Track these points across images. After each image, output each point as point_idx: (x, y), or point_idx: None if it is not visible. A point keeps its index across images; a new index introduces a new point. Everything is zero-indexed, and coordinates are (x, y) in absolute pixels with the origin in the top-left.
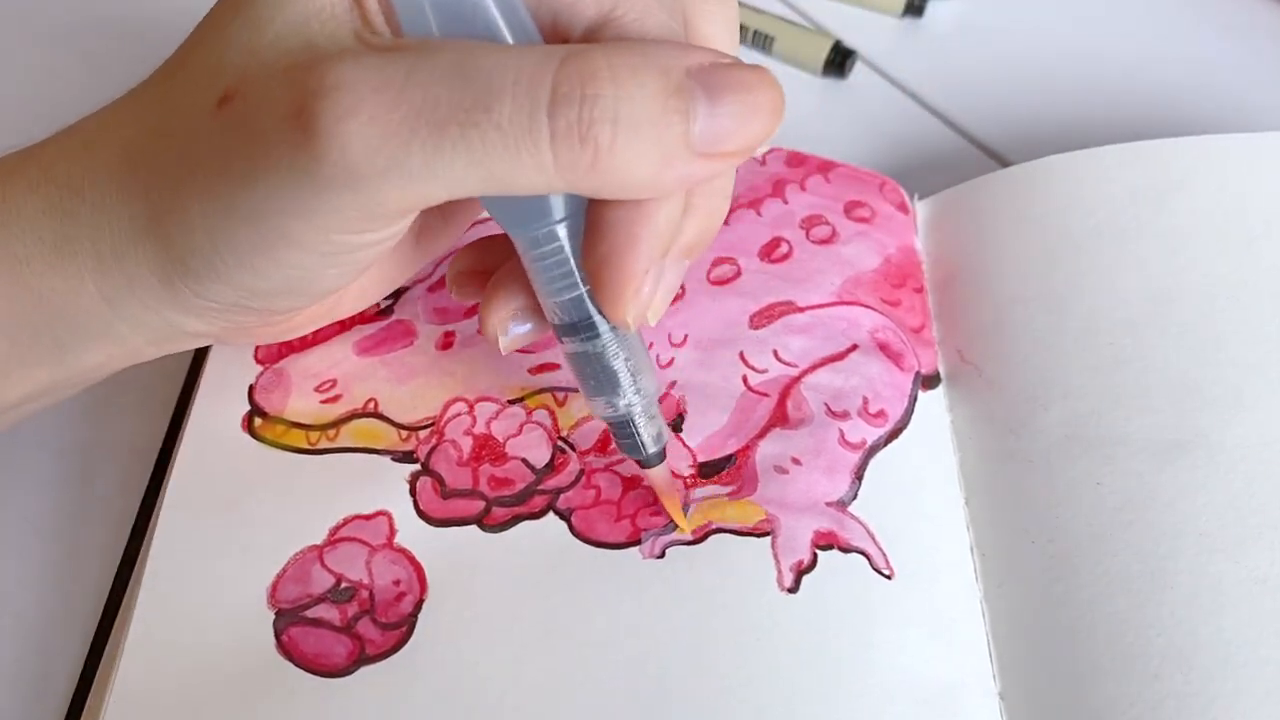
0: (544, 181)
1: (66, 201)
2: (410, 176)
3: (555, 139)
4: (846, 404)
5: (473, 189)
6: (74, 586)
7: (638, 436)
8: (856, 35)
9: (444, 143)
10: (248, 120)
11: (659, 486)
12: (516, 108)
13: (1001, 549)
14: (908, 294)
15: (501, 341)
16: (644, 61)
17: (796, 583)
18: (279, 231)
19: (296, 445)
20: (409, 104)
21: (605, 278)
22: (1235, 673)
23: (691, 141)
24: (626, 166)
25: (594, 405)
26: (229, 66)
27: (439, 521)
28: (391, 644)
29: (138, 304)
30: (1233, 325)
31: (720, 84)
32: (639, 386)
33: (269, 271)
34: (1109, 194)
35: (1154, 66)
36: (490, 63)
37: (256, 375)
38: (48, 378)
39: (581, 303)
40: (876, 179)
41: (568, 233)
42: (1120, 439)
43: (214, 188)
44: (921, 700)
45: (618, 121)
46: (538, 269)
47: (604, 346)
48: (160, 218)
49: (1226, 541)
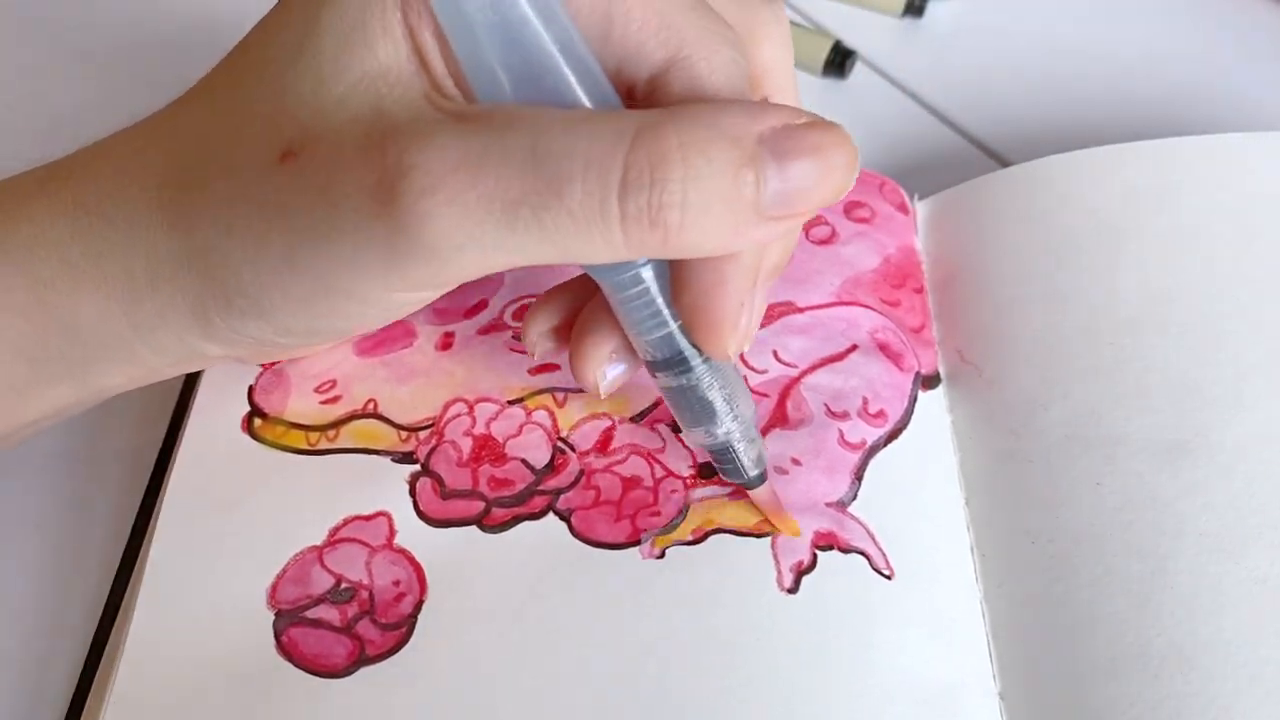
0: (613, 255)
1: (97, 227)
2: (483, 251)
3: (625, 221)
4: (846, 404)
5: (543, 260)
6: (74, 586)
7: (738, 461)
8: (856, 35)
9: (517, 223)
10: (318, 182)
11: (763, 505)
12: (587, 194)
13: (1002, 549)
14: (907, 294)
15: (601, 387)
16: (714, 135)
17: (796, 583)
18: (341, 288)
19: (296, 446)
20: (483, 185)
21: (700, 319)
22: (1235, 673)
23: (762, 207)
24: (697, 240)
25: (692, 435)
26: (289, 120)
27: (439, 522)
28: (391, 644)
29: (166, 331)
30: (1233, 325)
31: (792, 149)
32: (736, 413)
33: (318, 319)
34: (1109, 194)
35: (1154, 66)
36: (560, 145)
37: (256, 376)
38: (67, 398)
39: (672, 339)
40: (876, 179)
41: (653, 274)
42: (1120, 439)
43: (271, 237)
44: (921, 700)
45: (687, 204)
46: (626, 310)
47: (698, 379)
48: (204, 254)
49: (1226, 541)
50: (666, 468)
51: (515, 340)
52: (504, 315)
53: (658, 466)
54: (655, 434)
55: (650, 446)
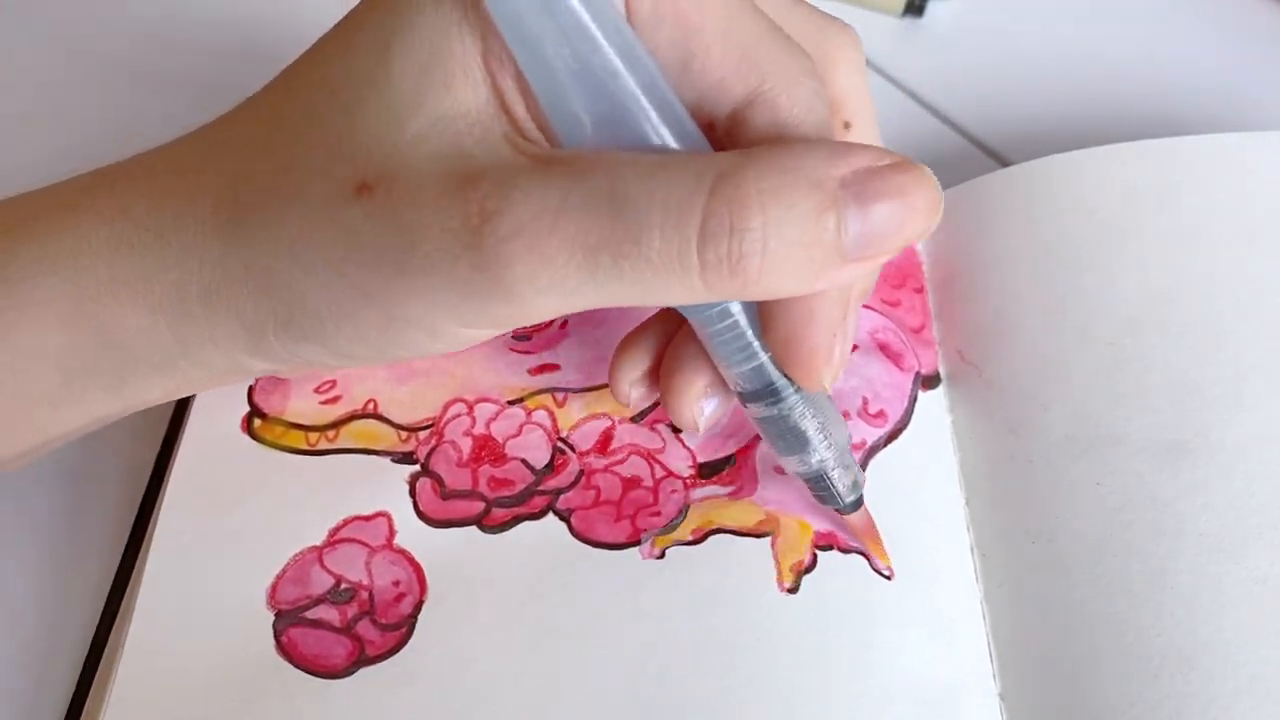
0: (695, 300)
1: (147, 240)
2: (563, 295)
3: (705, 270)
4: (845, 404)
5: (623, 302)
6: (73, 586)
7: (833, 489)
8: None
9: (598, 269)
10: (397, 217)
11: (858, 530)
12: (665, 242)
13: (1002, 549)
14: (907, 294)
15: (701, 424)
16: (795, 180)
17: (796, 583)
18: (413, 320)
19: (296, 446)
20: (564, 232)
21: (792, 353)
22: (1235, 673)
23: (844, 250)
24: (778, 285)
25: (787, 463)
26: (364, 153)
27: (439, 522)
28: (391, 645)
29: (214, 349)
30: (1233, 325)
31: (874, 193)
32: (830, 441)
33: (382, 348)
34: (1109, 194)
35: (1154, 66)
36: (639, 192)
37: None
38: (101, 410)
39: (763, 370)
40: None
41: (741, 307)
42: (1120, 439)
43: (346, 268)
44: (921, 700)
45: (767, 251)
46: (716, 344)
47: (791, 409)
48: (266, 276)
49: (1227, 541)
50: (666, 468)
51: (515, 340)
52: None
53: (658, 466)
54: (655, 434)
55: (650, 446)
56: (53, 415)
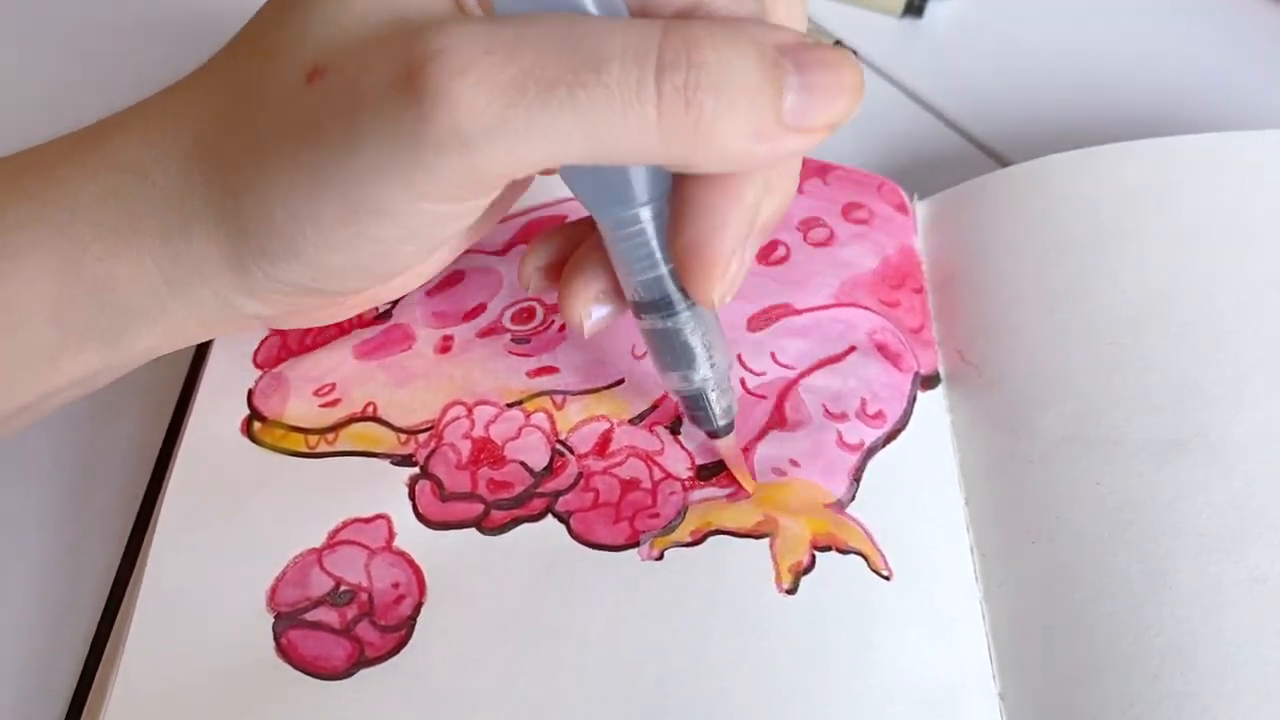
0: (644, 146)
1: (132, 185)
2: (515, 136)
3: (662, 101)
4: (844, 406)
5: (573, 152)
6: (74, 588)
7: (709, 409)
8: (856, 35)
9: (551, 102)
10: (345, 90)
11: (727, 456)
12: (625, 70)
13: (1001, 549)
14: (907, 294)
15: (586, 326)
16: (741, 35)
17: (795, 584)
18: (371, 201)
19: (295, 449)
20: (518, 65)
21: (694, 261)
22: (1235, 672)
23: (783, 115)
24: (724, 134)
25: (668, 379)
26: (312, 42)
27: (438, 524)
28: (391, 646)
29: (201, 285)
30: (1233, 324)
31: (809, 61)
32: (714, 361)
33: (351, 247)
34: (1108, 193)
35: (1153, 66)
36: (598, 29)
37: (255, 379)
38: (97, 362)
39: (662, 281)
40: (875, 180)
41: (651, 214)
42: (1120, 439)
43: (302, 159)
44: (921, 701)
45: (719, 89)
46: (621, 250)
47: (683, 323)
48: (237, 197)
49: (1226, 541)
50: (665, 470)
51: (514, 343)
52: (502, 318)
53: (656, 468)
54: (654, 436)
55: (649, 449)
56: (50, 369)
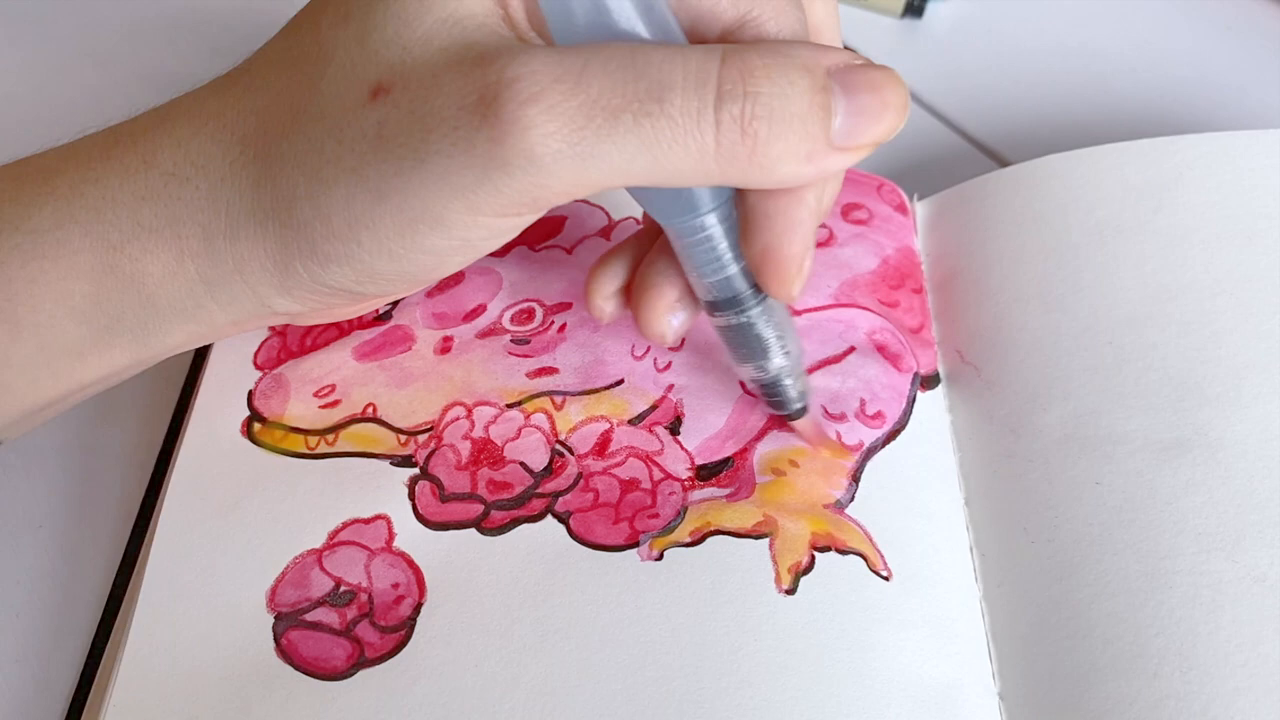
0: (703, 171)
1: (173, 188)
2: (582, 160)
3: (720, 130)
4: (844, 406)
5: (635, 176)
6: (74, 589)
7: (785, 395)
8: (856, 35)
9: (617, 129)
10: (413, 108)
11: (807, 436)
12: (686, 100)
13: (1001, 549)
14: (906, 295)
15: (669, 335)
16: (791, 62)
17: (794, 584)
18: (432, 214)
19: (295, 450)
20: (586, 93)
21: (771, 264)
22: (1234, 672)
23: (831, 137)
24: (777, 159)
25: (743, 370)
26: (375, 59)
27: (438, 525)
28: (390, 647)
29: (241, 284)
30: (1232, 323)
31: (856, 84)
32: (787, 350)
33: (404, 256)
34: (1108, 193)
35: (1152, 65)
36: (659, 58)
37: (256, 381)
38: (124, 359)
39: (733, 281)
40: (874, 181)
41: (717, 219)
42: (1119, 438)
43: (365, 172)
44: (921, 700)
45: (773, 118)
46: (691, 254)
47: (755, 318)
48: (291, 204)
49: (1226, 540)
50: (665, 470)
51: (514, 344)
52: (502, 319)
53: (656, 469)
54: (653, 437)
55: (648, 449)
56: (77, 365)
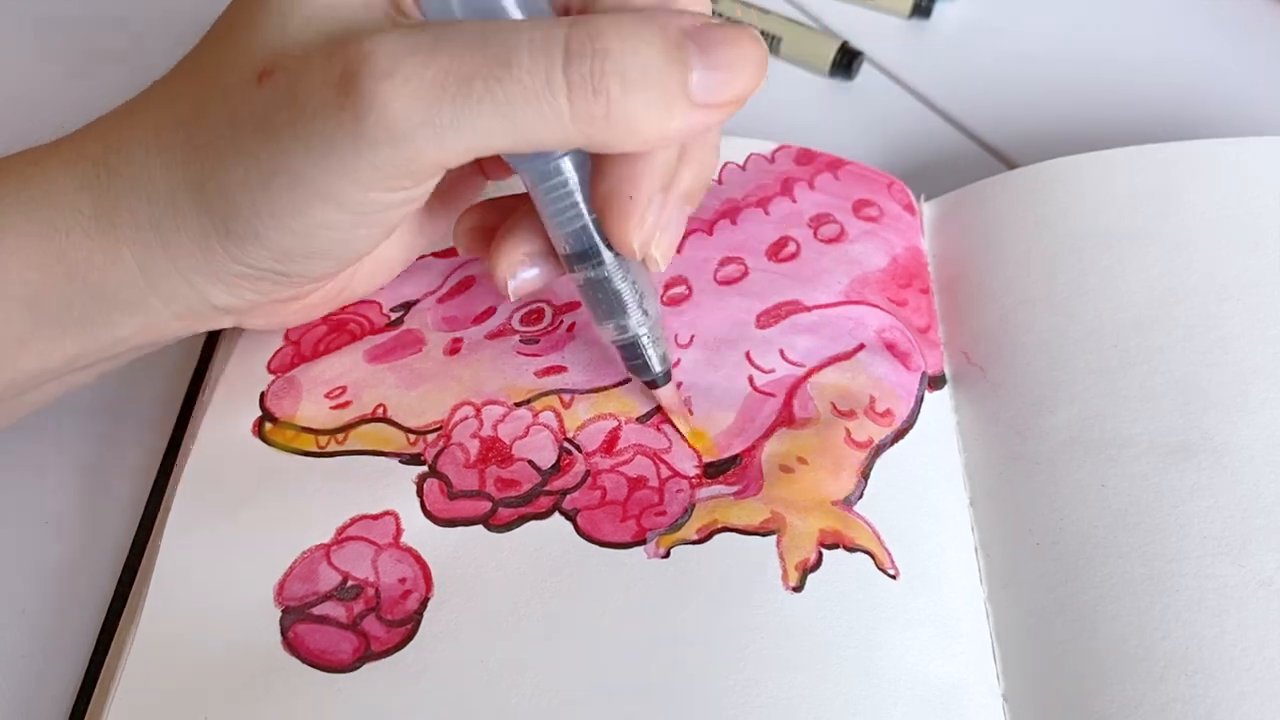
0: (561, 133)
1: (104, 178)
2: (441, 130)
3: (571, 90)
4: (853, 403)
5: (497, 142)
6: (82, 581)
7: (646, 356)
8: (863, 36)
9: (470, 97)
10: (291, 89)
11: (667, 405)
12: (534, 63)
13: (1006, 550)
14: (914, 294)
15: (511, 285)
16: (644, 22)
17: (802, 582)
18: (319, 190)
19: (306, 449)
20: (437, 65)
21: (612, 210)
22: (1240, 676)
23: (690, 92)
24: (634, 116)
25: (604, 331)
26: (263, 46)
27: (445, 521)
28: (397, 641)
29: (173, 271)
30: (1238, 328)
31: (711, 40)
32: (645, 309)
33: (305, 231)
34: (1115, 196)
35: (1161, 70)
36: (509, 28)
37: (268, 383)
38: (71, 350)
39: (587, 231)
40: (884, 179)
41: (572, 165)
42: (1125, 441)
43: (257, 153)
44: (925, 700)
45: (626, 74)
46: (546, 201)
47: (610, 272)
48: (201, 186)
49: (1231, 544)
50: (672, 468)
51: (522, 344)
52: (511, 320)
53: (663, 466)
54: (661, 435)
55: (656, 447)
56: (21, 355)
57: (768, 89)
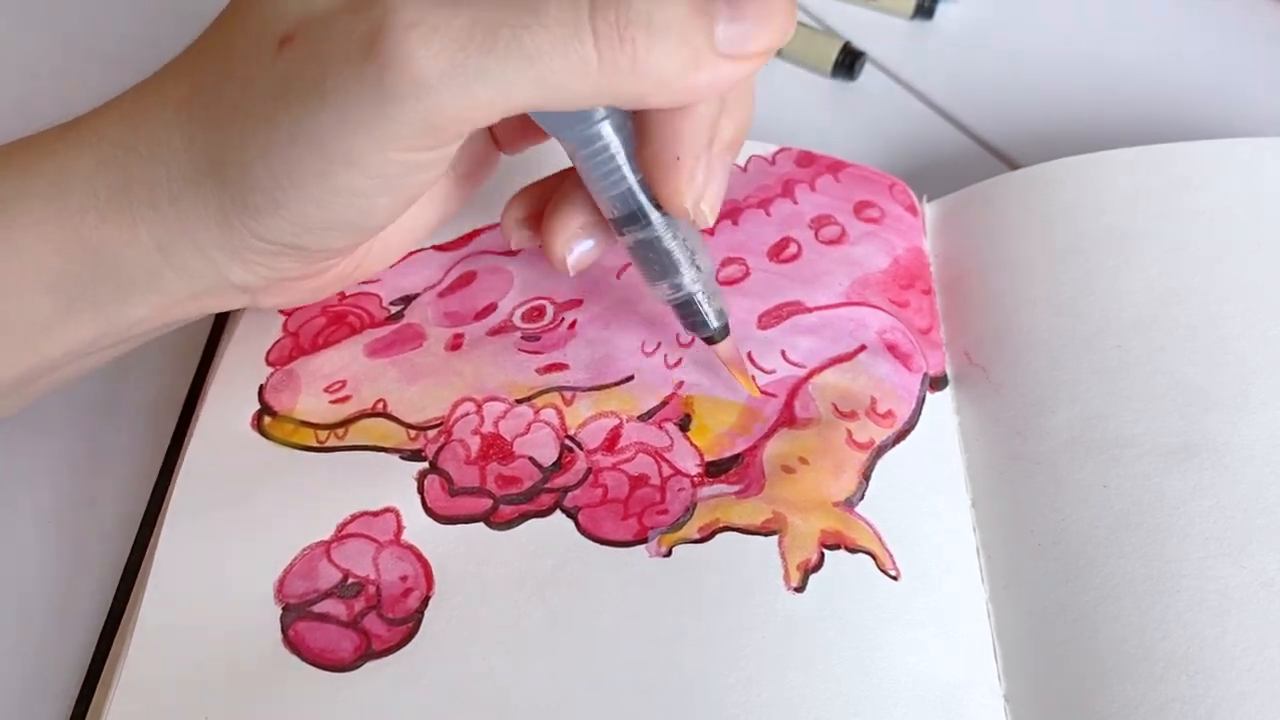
0: (589, 83)
1: (120, 156)
2: (468, 81)
3: (598, 39)
4: (854, 404)
5: (523, 94)
6: (82, 578)
7: (703, 311)
8: (866, 37)
9: (497, 46)
10: (313, 52)
11: (726, 359)
12: (561, 11)
13: (1008, 551)
14: (916, 295)
15: (570, 260)
16: None
17: (803, 582)
18: (341, 152)
19: (305, 444)
20: (465, 14)
21: (659, 171)
22: (1240, 677)
23: (716, 44)
24: (660, 67)
25: (658, 291)
26: (284, 14)
27: (446, 519)
28: (398, 639)
29: (191, 248)
30: (1240, 328)
31: None
32: (698, 264)
33: (328, 200)
34: (1117, 197)
35: (1163, 70)
36: None
37: (267, 376)
38: (91, 333)
39: (633, 193)
40: (886, 180)
41: (612, 128)
42: (1127, 441)
43: (278, 118)
44: (926, 701)
45: (651, 24)
46: (589, 167)
47: (659, 231)
48: (220, 158)
49: (1232, 545)
50: (674, 466)
51: (524, 340)
52: (513, 317)
53: (665, 465)
54: (663, 433)
55: (658, 445)
56: (45, 340)
57: (770, 89)
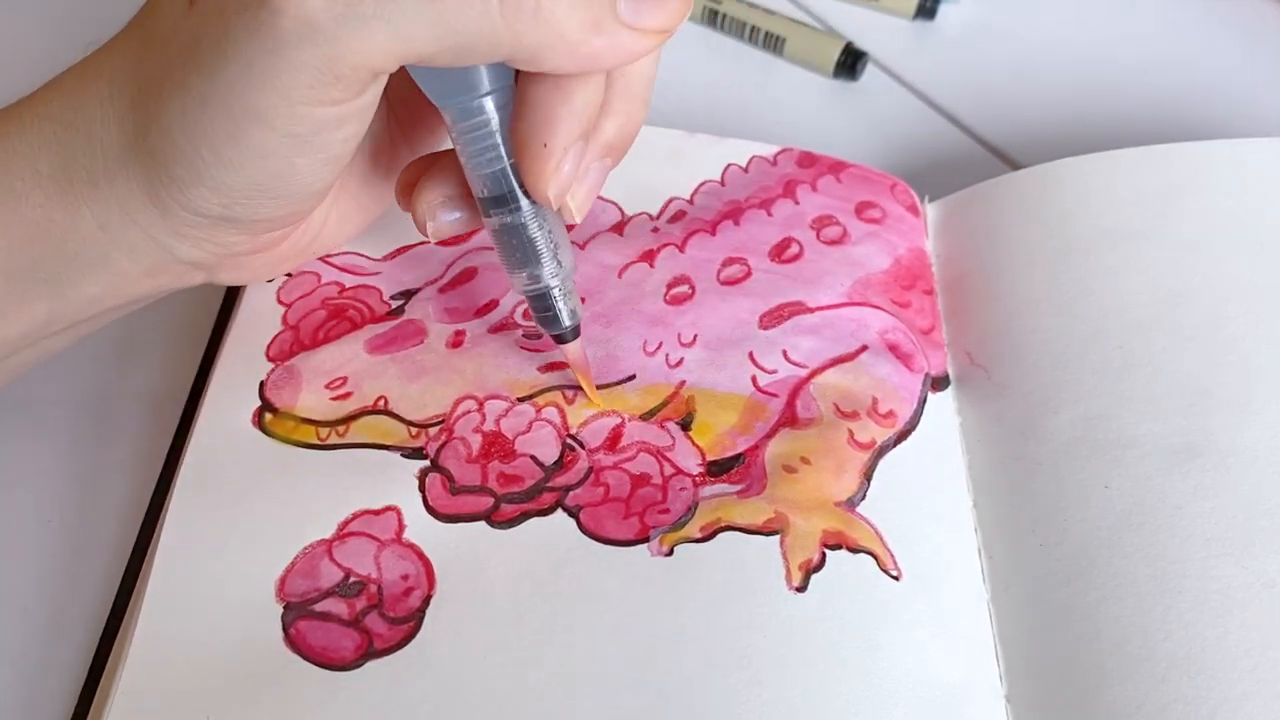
0: (489, 28)
1: (61, 135)
2: (364, 22)
3: None
4: (856, 404)
5: (422, 37)
6: (83, 577)
7: (556, 309)
8: (868, 37)
9: None
10: (216, 8)
11: (573, 362)
12: None
13: (1009, 551)
14: (917, 295)
15: (430, 227)
16: None
17: (805, 582)
18: (249, 109)
19: (306, 441)
20: None
21: (528, 153)
22: (1242, 677)
23: (619, 10)
24: (562, 21)
25: (516, 279)
26: None
27: (448, 517)
28: (399, 638)
29: (130, 225)
30: (1243, 329)
31: None
32: (559, 260)
33: (242, 162)
34: (1119, 197)
35: (1165, 70)
36: None
37: (268, 372)
38: (45, 312)
39: (505, 176)
40: (887, 180)
41: (494, 105)
42: (1129, 442)
43: (188, 81)
44: (927, 701)
45: None
46: (465, 141)
47: (526, 219)
48: (145, 131)
49: (1234, 546)
50: (676, 465)
51: (525, 338)
52: (514, 314)
53: (667, 464)
54: (664, 432)
55: (659, 444)
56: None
57: (772, 90)
